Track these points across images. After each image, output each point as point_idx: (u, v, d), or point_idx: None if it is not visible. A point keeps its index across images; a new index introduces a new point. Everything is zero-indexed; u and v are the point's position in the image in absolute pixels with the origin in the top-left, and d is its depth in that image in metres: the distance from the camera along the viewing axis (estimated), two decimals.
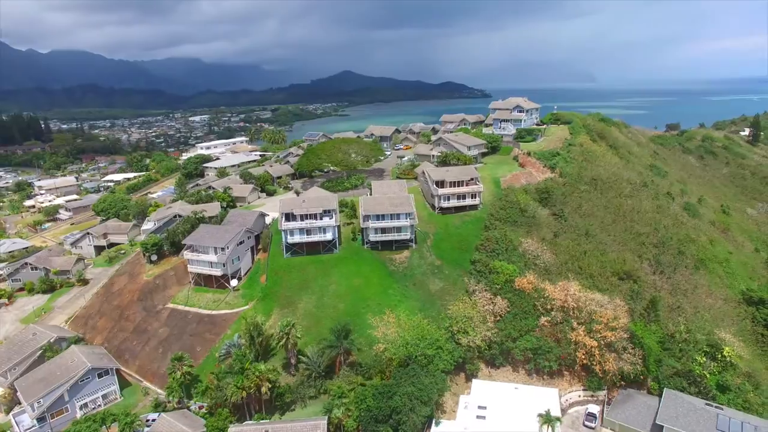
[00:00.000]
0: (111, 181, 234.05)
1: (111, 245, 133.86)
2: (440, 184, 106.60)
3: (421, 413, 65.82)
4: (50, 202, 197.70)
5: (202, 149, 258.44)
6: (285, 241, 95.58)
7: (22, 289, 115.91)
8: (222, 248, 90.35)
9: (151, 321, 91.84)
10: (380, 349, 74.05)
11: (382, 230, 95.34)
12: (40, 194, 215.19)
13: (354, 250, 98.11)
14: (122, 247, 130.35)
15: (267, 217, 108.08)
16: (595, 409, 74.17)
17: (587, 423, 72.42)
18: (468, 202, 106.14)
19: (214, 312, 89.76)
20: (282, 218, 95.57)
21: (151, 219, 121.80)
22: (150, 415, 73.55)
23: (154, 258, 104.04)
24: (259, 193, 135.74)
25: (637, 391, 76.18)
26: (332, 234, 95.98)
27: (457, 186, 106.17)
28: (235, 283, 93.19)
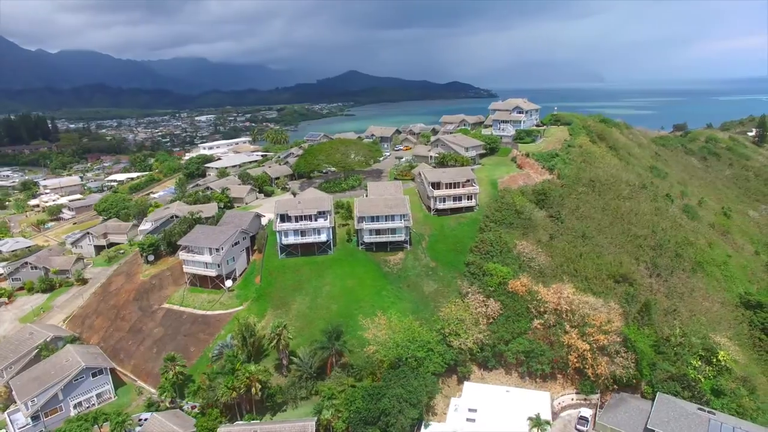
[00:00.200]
0: (114, 180, 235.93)
1: (111, 245, 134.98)
2: (436, 185, 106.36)
3: (410, 415, 65.86)
4: (54, 201, 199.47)
5: (205, 149, 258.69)
6: (280, 242, 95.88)
7: (22, 288, 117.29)
8: (217, 249, 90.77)
9: (147, 321, 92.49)
10: (371, 350, 74.15)
11: (377, 231, 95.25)
12: (44, 194, 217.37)
13: (349, 251, 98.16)
14: (122, 246, 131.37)
15: (263, 218, 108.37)
16: (587, 412, 73.79)
17: (579, 427, 72.05)
18: (464, 203, 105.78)
19: (208, 312, 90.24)
20: (277, 219, 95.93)
21: (149, 219, 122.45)
22: (142, 414, 74.21)
23: (150, 258, 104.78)
24: (257, 193, 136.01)
25: (631, 395, 75.66)
26: (327, 235, 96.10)
27: (453, 187, 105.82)
28: (229, 283, 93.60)
